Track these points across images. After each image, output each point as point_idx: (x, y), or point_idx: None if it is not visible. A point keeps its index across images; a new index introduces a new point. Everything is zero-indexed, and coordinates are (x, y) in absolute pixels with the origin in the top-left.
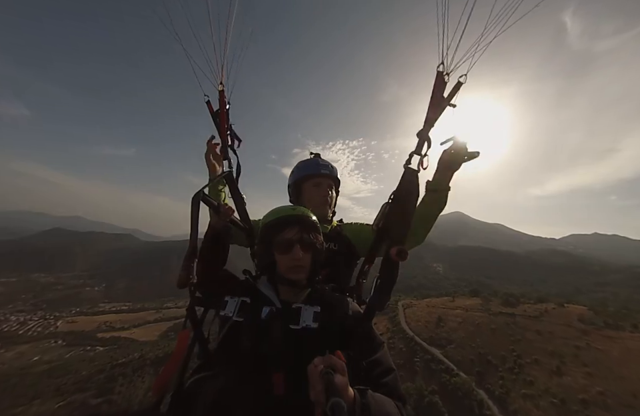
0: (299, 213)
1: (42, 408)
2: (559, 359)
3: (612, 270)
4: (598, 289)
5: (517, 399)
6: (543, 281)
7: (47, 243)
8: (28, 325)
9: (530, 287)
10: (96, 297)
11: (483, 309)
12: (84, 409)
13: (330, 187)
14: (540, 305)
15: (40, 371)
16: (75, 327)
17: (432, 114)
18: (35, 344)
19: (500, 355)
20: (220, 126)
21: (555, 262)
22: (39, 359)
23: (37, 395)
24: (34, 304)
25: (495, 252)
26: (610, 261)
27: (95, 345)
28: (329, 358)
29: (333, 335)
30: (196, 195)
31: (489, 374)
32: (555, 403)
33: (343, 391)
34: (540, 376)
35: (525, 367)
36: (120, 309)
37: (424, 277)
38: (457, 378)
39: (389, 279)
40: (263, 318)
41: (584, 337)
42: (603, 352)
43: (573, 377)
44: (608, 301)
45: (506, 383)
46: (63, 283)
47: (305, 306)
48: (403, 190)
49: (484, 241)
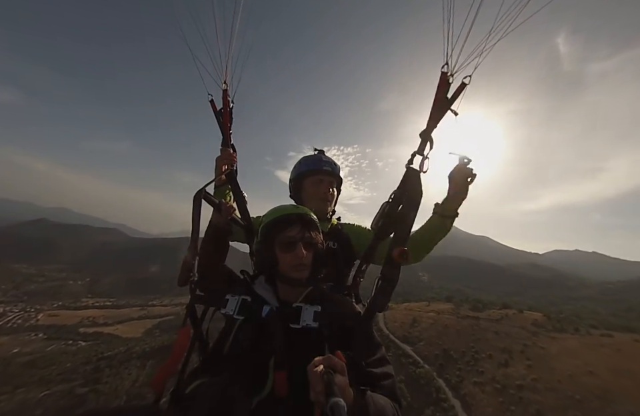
0: (301, 212)
1: (27, 396)
2: (508, 354)
3: (586, 285)
4: (570, 302)
5: (468, 386)
6: (520, 293)
7: (31, 233)
8: (7, 316)
9: (507, 298)
10: (79, 291)
11: (453, 312)
12: (70, 398)
13: (331, 185)
14: (503, 311)
15: (22, 362)
16: (57, 320)
17: (435, 114)
18: (14, 336)
19: (461, 351)
20: (223, 125)
21: (534, 275)
22: (18, 350)
23: (20, 384)
24: (14, 295)
25: (477, 263)
26: (587, 277)
27: (77, 339)
28: (329, 358)
29: (333, 335)
30: (198, 192)
31: (449, 366)
32: (497, 387)
33: (342, 391)
34: (490, 367)
35: (480, 360)
36: (104, 304)
37: (410, 285)
38: (421, 369)
39: (391, 280)
40: (263, 317)
41: (532, 338)
42: (544, 349)
43: (515, 368)
44: (569, 311)
45: (462, 373)
46: (45, 275)
47: (306, 305)
48: (404, 190)
49: (469, 252)
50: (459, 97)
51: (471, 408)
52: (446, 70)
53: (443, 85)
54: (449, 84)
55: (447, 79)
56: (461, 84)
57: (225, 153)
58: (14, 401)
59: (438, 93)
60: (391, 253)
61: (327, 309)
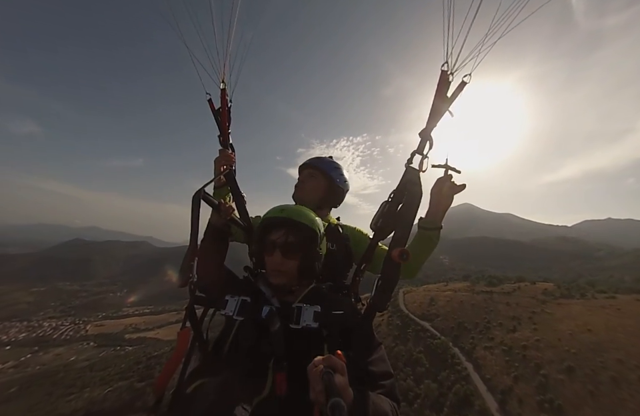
0: (284, 215)
1: (92, 394)
2: (517, 321)
3: (618, 254)
4: (598, 273)
5: (480, 351)
6: (548, 268)
7: (68, 253)
8: (60, 329)
9: (533, 274)
10: (119, 302)
11: (469, 289)
12: (131, 392)
13: (310, 175)
14: (516, 284)
15: (81, 367)
16: (103, 329)
17: (434, 113)
18: (69, 346)
19: (474, 323)
20: (221, 124)
21: (562, 249)
22: (75, 358)
23: (84, 385)
24: (63, 310)
25: (501, 242)
26: (619, 246)
27: (123, 345)
28: (329, 358)
29: (333, 335)
30: (197, 193)
31: (463, 336)
32: (504, 349)
33: (342, 391)
34: (499, 334)
35: (491, 329)
36: (143, 312)
37: (429, 269)
38: (438, 340)
39: (390, 280)
40: (263, 317)
41: (541, 305)
42: (550, 314)
43: (522, 332)
44: (588, 281)
45: (474, 341)
46: (87, 290)
47: (306, 305)
48: (404, 189)
49: (492, 231)
50: (459, 95)
51: (481, 368)
52: (446, 68)
53: (443, 84)
54: (449, 82)
55: (446, 77)
56: (460, 82)
57: (223, 154)
58: (83, 399)
59: (438, 92)
60: (391, 253)
61: (327, 309)
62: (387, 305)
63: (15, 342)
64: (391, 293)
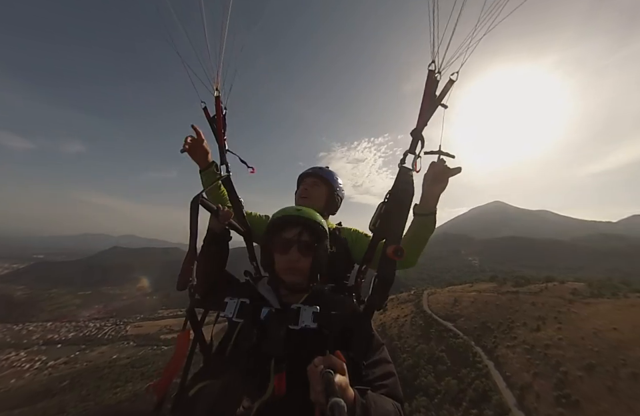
0: (302, 214)
1: (135, 387)
2: (541, 321)
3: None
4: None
5: (502, 349)
6: (588, 268)
7: (109, 260)
8: (104, 329)
9: (571, 275)
10: (155, 304)
11: (494, 290)
12: (172, 385)
13: (315, 183)
14: (544, 284)
15: (123, 364)
16: (141, 330)
17: (424, 112)
18: (112, 345)
19: (498, 322)
20: (217, 131)
21: (605, 247)
22: (117, 356)
23: (127, 379)
24: (106, 312)
25: (534, 241)
26: None
27: (159, 344)
28: (329, 358)
29: (332, 335)
30: (195, 198)
31: (486, 335)
32: (526, 348)
33: (343, 391)
34: (523, 333)
35: (514, 328)
36: (177, 314)
37: (458, 270)
38: (460, 340)
39: (387, 277)
40: (262, 319)
41: (568, 305)
42: (576, 313)
43: (546, 331)
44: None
45: (497, 340)
46: (126, 294)
47: (304, 306)
48: (398, 189)
49: (526, 230)
50: (447, 93)
51: (502, 366)
52: (433, 68)
53: (431, 83)
54: (437, 81)
55: (434, 76)
56: (448, 81)
57: (188, 142)
58: (127, 391)
59: (426, 91)
60: (386, 251)
61: (326, 310)
62: (385, 303)
63: (65, 340)
64: (389, 290)
